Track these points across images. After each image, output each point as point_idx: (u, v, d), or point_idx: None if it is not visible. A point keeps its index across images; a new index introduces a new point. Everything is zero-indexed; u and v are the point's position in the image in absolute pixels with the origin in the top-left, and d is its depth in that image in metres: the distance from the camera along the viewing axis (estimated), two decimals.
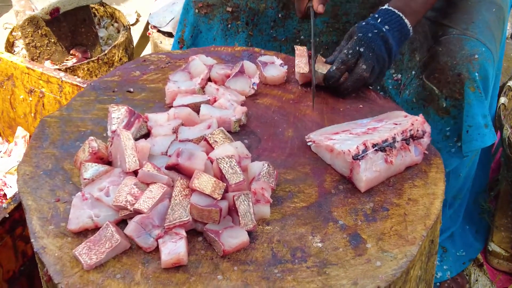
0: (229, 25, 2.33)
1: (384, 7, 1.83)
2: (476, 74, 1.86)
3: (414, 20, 1.83)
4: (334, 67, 1.78)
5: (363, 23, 1.80)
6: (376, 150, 1.52)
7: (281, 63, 1.92)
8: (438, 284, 2.48)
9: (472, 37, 1.93)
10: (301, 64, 1.86)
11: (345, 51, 1.77)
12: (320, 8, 1.91)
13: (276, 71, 1.90)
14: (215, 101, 1.74)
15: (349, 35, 1.82)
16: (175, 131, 1.62)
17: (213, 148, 1.53)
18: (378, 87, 2.19)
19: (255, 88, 1.84)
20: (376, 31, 1.77)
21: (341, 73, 1.79)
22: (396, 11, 1.81)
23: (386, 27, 1.78)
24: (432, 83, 1.95)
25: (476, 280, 2.55)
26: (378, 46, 1.76)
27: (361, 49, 1.76)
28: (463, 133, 1.92)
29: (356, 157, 1.50)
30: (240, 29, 2.31)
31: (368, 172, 1.50)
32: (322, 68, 1.81)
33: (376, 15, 1.82)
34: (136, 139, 1.60)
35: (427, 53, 2.00)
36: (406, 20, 1.81)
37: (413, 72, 2.06)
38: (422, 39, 2.04)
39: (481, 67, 1.87)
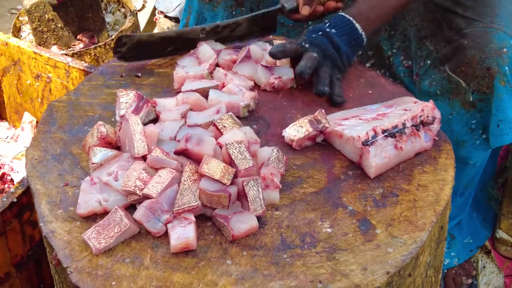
0: (233, 12, 2.31)
1: (337, 14, 1.86)
2: (507, 68, 1.83)
3: (368, 25, 1.84)
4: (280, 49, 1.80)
5: (311, 28, 1.84)
6: (386, 136, 1.51)
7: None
8: (445, 270, 2.47)
9: (499, 29, 1.89)
10: None
11: (301, 42, 1.80)
12: (304, 10, 1.95)
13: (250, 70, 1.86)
14: (223, 86, 1.74)
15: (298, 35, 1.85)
16: (184, 116, 1.61)
17: (221, 133, 1.52)
18: (388, 74, 2.17)
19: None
20: (320, 32, 1.79)
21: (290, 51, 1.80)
22: (347, 15, 1.82)
23: (333, 30, 1.79)
24: (459, 76, 1.92)
25: (484, 267, 2.55)
26: (323, 43, 1.78)
27: (306, 45, 1.77)
28: (492, 127, 1.89)
29: (365, 143, 1.50)
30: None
31: (378, 158, 1.50)
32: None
33: (326, 20, 1.85)
34: (144, 124, 1.60)
35: (447, 44, 1.97)
36: (357, 25, 1.81)
37: (428, 62, 2.03)
38: (433, 27, 2.01)
39: (510, 60, 1.84)
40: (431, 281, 1.58)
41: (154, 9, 3.95)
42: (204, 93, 1.69)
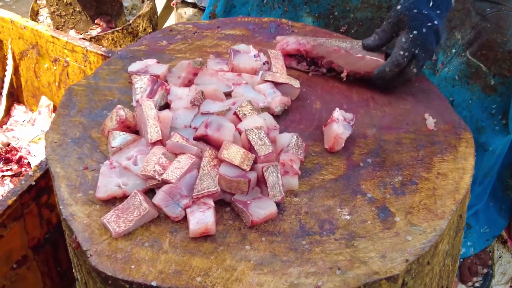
0: (265, 1, 2.29)
1: None
2: None
3: None
4: (388, 69, 1.67)
5: (415, 11, 1.66)
6: None
7: (256, 54, 1.79)
8: (461, 260, 2.47)
9: None
10: (278, 65, 1.75)
11: (401, 52, 1.65)
12: None
13: (248, 61, 1.75)
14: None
15: (397, 22, 1.68)
16: (193, 102, 1.59)
17: (240, 120, 1.52)
18: None
19: (262, 59, 1.80)
20: (429, 24, 1.65)
21: (393, 75, 1.69)
22: None
23: (438, 11, 1.67)
24: (479, 60, 1.90)
25: (500, 257, 2.54)
26: (430, 44, 1.66)
27: (416, 51, 1.65)
28: (511, 112, 1.88)
29: None
30: (276, 4, 2.27)
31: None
32: None
33: None
34: (161, 106, 1.60)
35: (471, 30, 1.96)
36: None
37: (453, 51, 2.01)
38: (463, 16, 1.99)
39: None
40: (449, 270, 1.58)
41: None
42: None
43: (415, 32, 1.65)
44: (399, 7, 1.67)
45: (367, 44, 1.73)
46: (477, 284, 2.47)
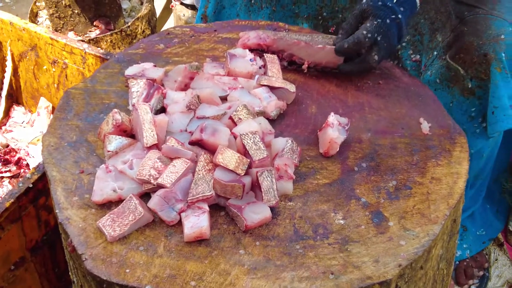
0: (252, 1, 2.30)
1: None
2: (503, 54, 1.83)
3: None
4: (346, 45, 1.71)
5: (380, 3, 1.70)
6: None
7: (252, 58, 1.79)
8: (457, 262, 2.48)
9: (499, 16, 1.89)
10: (274, 69, 1.76)
11: (364, 32, 1.68)
12: None
13: (244, 65, 1.75)
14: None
15: (361, 13, 1.73)
16: (189, 107, 1.60)
17: (235, 125, 1.53)
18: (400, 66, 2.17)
19: (258, 64, 1.80)
20: (393, 16, 1.69)
21: (352, 52, 1.73)
22: None
23: (401, 8, 1.71)
24: (457, 63, 1.92)
25: (496, 260, 2.55)
26: (393, 36, 1.71)
27: (379, 38, 1.69)
28: (488, 115, 1.90)
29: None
30: (264, 4, 2.28)
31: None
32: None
33: None
34: (157, 110, 1.60)
35: (451, 33, 1.97)
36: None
37: (435, 53, 2.03)
38: (445, 19, 2.01)
39: (508, 47, 1.84)
40: (443, 274, 1.59)
41: None
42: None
43: (379, 20, 1.69)
44: (364, 0, 1.73)
45: (336, 42, 1.76)
46: (473, 287, 2.47)
